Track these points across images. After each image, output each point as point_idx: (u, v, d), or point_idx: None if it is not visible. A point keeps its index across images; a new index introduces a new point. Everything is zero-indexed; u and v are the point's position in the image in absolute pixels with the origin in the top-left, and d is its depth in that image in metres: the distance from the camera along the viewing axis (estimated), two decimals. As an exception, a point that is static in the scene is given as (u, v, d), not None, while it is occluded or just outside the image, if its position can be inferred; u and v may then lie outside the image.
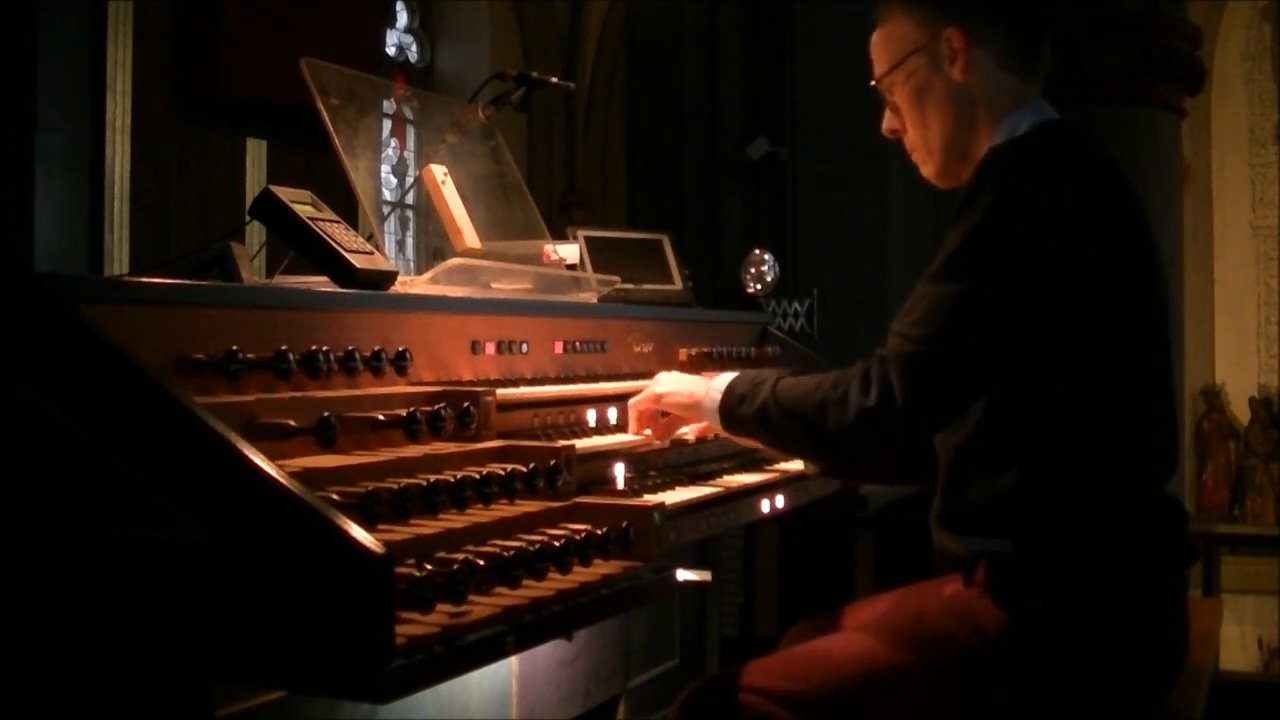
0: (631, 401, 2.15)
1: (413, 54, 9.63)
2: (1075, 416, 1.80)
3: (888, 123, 2.06)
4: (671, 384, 2.12)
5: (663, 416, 2.15)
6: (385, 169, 8.76)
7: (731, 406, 1.98)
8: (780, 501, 2.25)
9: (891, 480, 1.99)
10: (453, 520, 1.50)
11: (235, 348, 1.54)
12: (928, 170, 2.04)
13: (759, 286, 4.90)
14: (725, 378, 2.03)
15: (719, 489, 2.15)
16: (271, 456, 1.30)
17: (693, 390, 2.06)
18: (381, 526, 1.41)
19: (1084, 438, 1.80)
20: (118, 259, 5.81)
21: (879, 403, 1.75)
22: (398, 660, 1.22)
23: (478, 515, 1.54)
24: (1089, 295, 1.77)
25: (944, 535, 1.93)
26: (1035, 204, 1.76)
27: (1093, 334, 1.78)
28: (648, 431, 2.14)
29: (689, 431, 2.21)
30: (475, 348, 2.05)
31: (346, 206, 2.16)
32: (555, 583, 1.47)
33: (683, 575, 1.78)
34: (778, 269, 4.92)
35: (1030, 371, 1.78)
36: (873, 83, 2.04)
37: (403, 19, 9.57)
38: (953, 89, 1.95)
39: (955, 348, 1.76)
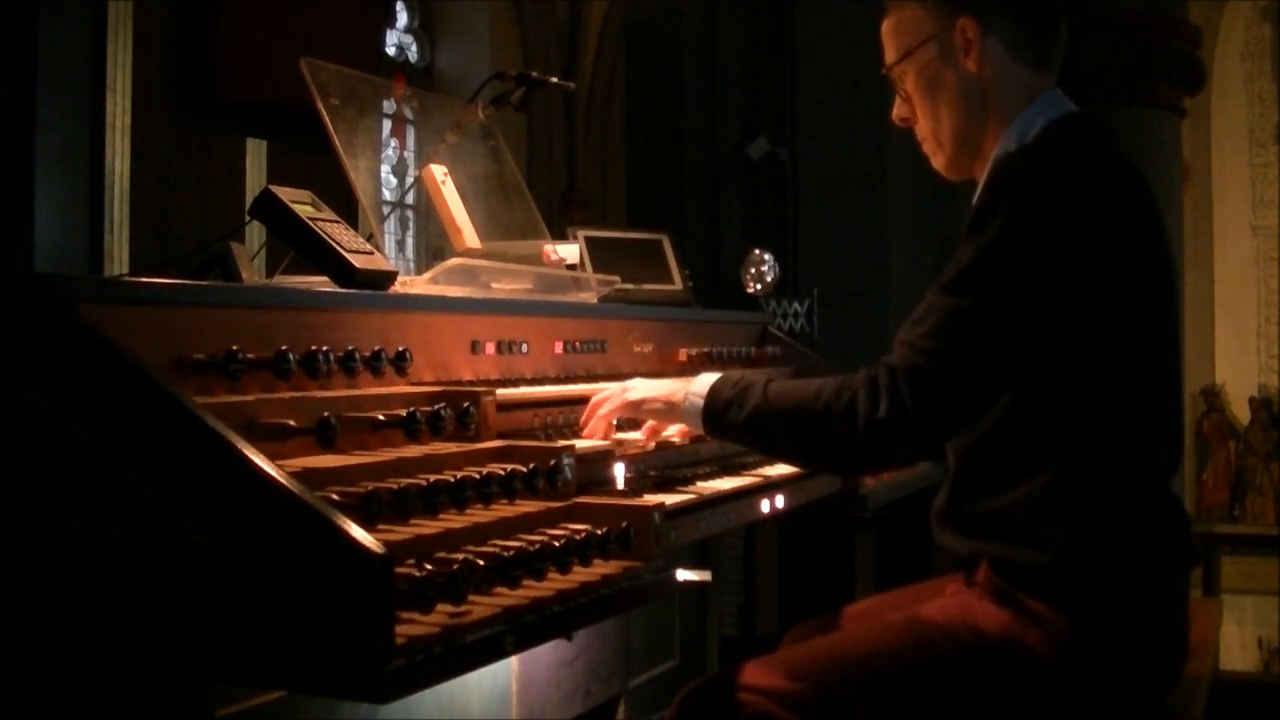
0: (597, 401, 2.06)
1: (413, 54, 9.64)
2: (1086, 421, 1.79)
3: (898, 110, 2.02)
4: (647, 389, 2.03)
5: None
6: (385, 169, 8.77)
7: (717, 412, 1.92)
8: (780, 501, 2.25)
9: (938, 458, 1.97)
10: (453, 520, 1.50)
11: (235, 348, 1.54)
12: (938, 162, 2.02)
13: (759, 286, 4.91)
14: (705, 380, 1.97)
15: (718, 489, 2.15)
16: (271, 456, 1.30)
17: (670, 395, 2.00)
18: (381, 526, 1.40)
19: (1094, 443, 1.80)
20: (118, 259, 5.82)
21: (890, 414, 1.73)
22: (398, 660, 1.22)
23: (478, 515, 1.54)
24: (1103, 308, 1.76)
25: (946, 534, 1.92)
26: (1048, 222, 1.74)
27: (1105, 342, 1.78)
28: (635, 435, 2.09)
29: (674, 433, 2.17)
30: (475, 348, 2.05)
31: (346, 206, 2.15)
32: (555, 583, 1.47)
33: (683, 575, 1.78)
34: (778, 269, 4.93)
35: (1041, 379, 1.78)
36: (884, 70, 2.01)
37: (403, 19, 9.58)
38: (965, 80, 1.92)
39: (966, 362, 1.75)
